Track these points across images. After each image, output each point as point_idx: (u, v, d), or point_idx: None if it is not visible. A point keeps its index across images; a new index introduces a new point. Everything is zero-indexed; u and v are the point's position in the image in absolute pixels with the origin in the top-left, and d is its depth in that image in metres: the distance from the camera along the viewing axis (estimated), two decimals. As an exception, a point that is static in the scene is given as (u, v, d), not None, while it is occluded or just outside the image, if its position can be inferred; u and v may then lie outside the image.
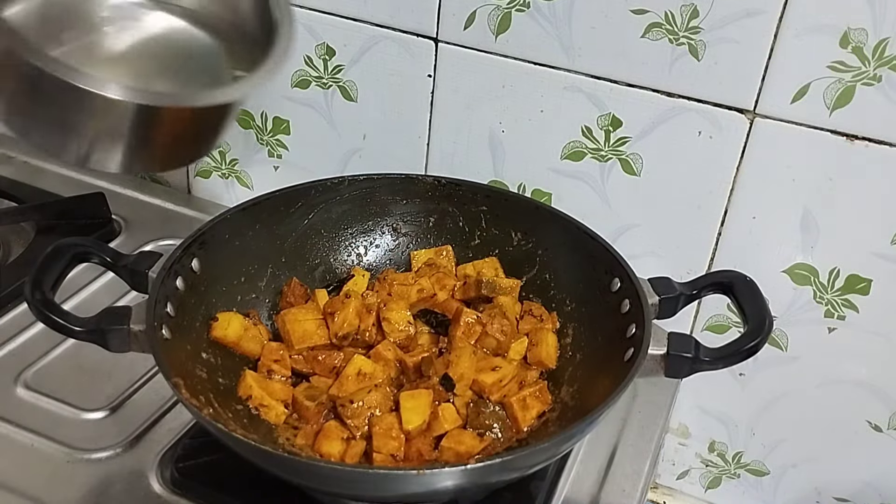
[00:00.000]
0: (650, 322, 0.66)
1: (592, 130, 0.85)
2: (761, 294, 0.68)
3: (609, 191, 0.87)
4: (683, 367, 0.64)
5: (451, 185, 0.84)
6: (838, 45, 0.72)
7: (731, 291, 0.69)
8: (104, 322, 0.64)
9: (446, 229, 0.85)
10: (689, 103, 0.80)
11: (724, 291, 0.70)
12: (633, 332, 0.68)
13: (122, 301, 0.87)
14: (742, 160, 0.80)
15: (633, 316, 0.69)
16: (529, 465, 0.63)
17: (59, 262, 0.66)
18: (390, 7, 0.87)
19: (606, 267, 0.74)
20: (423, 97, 0.91)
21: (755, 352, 0.64)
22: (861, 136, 0.75)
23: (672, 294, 0.70)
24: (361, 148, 0.97)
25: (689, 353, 0.64)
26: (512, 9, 0.82)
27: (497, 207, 0.83)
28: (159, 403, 0.77)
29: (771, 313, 0.65)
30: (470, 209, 0.84)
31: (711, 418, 0.94)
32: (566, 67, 0.83)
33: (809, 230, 0.81)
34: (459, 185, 0.84)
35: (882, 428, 0.86)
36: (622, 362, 0.66)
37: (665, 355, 0.64)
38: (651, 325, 0.66)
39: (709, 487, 0.99)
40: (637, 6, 0.77)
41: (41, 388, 0.78)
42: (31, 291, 0.63)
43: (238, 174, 1.06)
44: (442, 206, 0.84)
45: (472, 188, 0.84)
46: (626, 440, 0.80)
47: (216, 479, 0.70)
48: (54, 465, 0.71)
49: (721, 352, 0.65)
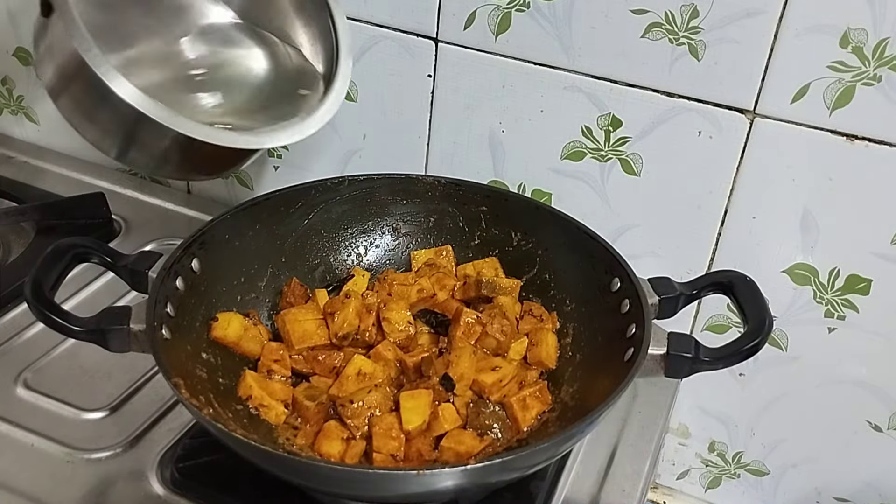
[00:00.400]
0: (650, 322, 0.66)
1: (592, 130, 0.85)
2: (761, 294, 0.68)
3: (609, 191, 0.87)
4: (683, 367, 0.64)
5: (450, 185, 0.84)
6: (838, 45, 0.72)
7: (731, 291, 0.69)
8: (104, 322, 0.64)
9: (446, 229, 0.85)
10: (689, 103, 0.80)
11: (724, 291, 0.70)
12: (634, 331, 0.68)
13: (122, 301, 0.87)
14: (742, 160, 0.80)
15: (633, 316, 0.69)
16: (529, 465, 0.63)
17: (59, 262, 0.66)
18: (390, 7, 0.87)
19: (606, 267, 0.74)
20: (423, 97, 0.91)
21: (755, 352, 0.64)
22: (861, 136, 0.75)
23: (672, 294, 0.70)
24: (361, 148, 0.97)
25: (689, 353, 0.64)
26: (512, 9, 0.82)
27: (497, 207, 0.83)
28: (159, 403, 0.77)
29: (771, 313, 0.66)
30: (470, 209, 0.84)
31: (711, 418, 0.94)
32: (566, 67, 0.83)
33: (809, 230, 0.81)
34: (459, 185, 0.84)
35: (882, 428, 0.86)
36: (622, 362, 0.66)
37: (665, 355, 0.64)
38: (651, 324, 0.66)
39: (709, 487, 0.99)
40: (637, 6, 0.77)
41: (41, 388, 0.78)
42: (31, 292, 0.63)
43: (238, 174, 1.06)
44: (442, 207, 0.85)
45: (472, 188, 0.84)
46: (626, 440, 0.80)
47: (216, 479, 0.70)
48: (54, 465, 0.71)
49: (721, 352, 0.65)
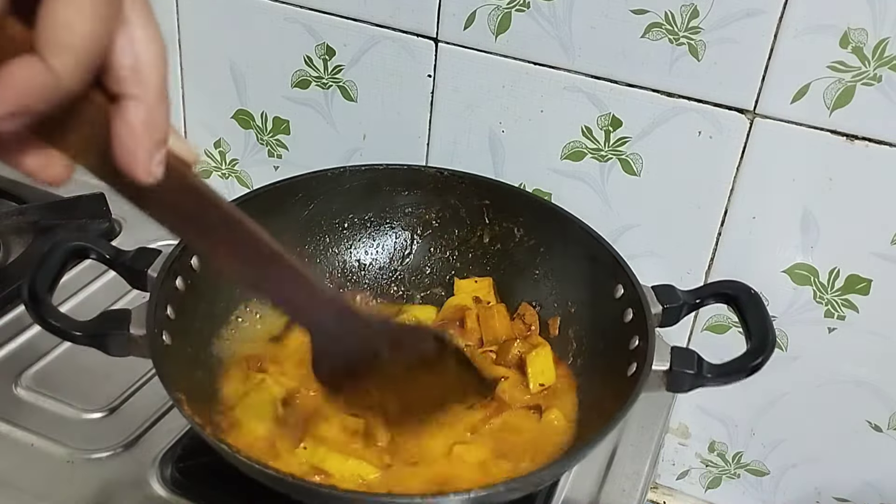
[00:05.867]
0: (654, 336, 0.65)
1: (592, 130, 0.85)
2: (765, 309, 0.67)
3: (609, 191, 0.87)
4: (685, 383, 0.64)
5: (453, 177, 0.83)
6: (838, 45, 0.72)
7: (736, 304, 0.68)
8: (103, 327, 0.63)
9: (448, 222, 0.84)
10: (689, 103, 0.80)
11: (728, 302, 0.69)
12: (637, 344, 0.67)
13: (120, 301, 0.87)
14: (742, 160, 0.80)
15: (637, 327, 0.68)
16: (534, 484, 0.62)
17: (57, 260, 0.66)
18: (390, 7, 0.87)
19: (610, 272, 0.74)
20: (423, 97, 0.91)
21: (758, 369, 0.63)
22: (861, 136, 0.75)
23: (675, 304, 0.69)
24: (361, 148, 0.97)
25: (692, 370, 0.63)
26: (512, 9, 0.82)
27: (500, 202, 0.82)
28: (159, 403, 0.77)
29: (774, 330, 0.65)
30: (472, 202, 0.83)
31: (711, 418, 0.94)
32: (566, 67, 0.83)
33: (809, 230, 0.81)
34: (462, 178, 0.83)
35: (882, 428, 0.86)
36: (625, 377, 0.65)
37: (667, 371, 0.64)
38: (655, 339, 0.65)
39: (709, 487, 0.99)
40: (637, 6, 0.77)
41: (41, 388, 0.78)
42: (29, 296, 0.62)
43: (238, 174, 1.06)
44: (444, 199, 0.84)
45: (475, 181, 0.83)
46: (626, 440, 0.80)
47: (216, 479, 0.70)
48: (54, 465, 0.71)
49: (723, 369, 0.64)
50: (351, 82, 0.93)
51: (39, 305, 0.62)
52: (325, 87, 0.95)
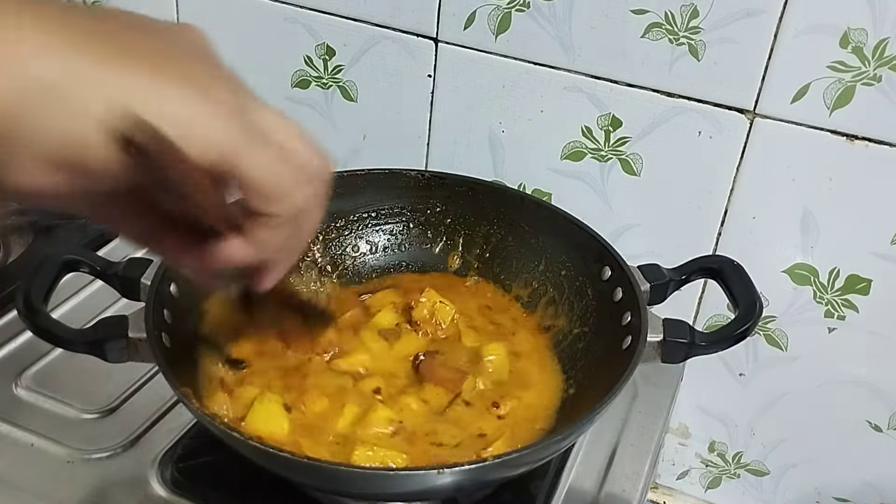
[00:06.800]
0: (645, 309, 0.67)
1: (592, 130, 0.85)
2: (749, 277, 0.68)
3: (609, 191, 0.87)
4: (679, 353, 0.65)
5: (435, 178, 0.83)
6: (838, 45, 0.72)
7: (720, 276, 0.70)
8: (101, 334, 0.63)
9: (432, 224, 0.84)
10: (689, 103, 0.80)
11: (713, 276, 0.70)
12: (629, 319, 0.68)
13: (112, 308, 0.85)
14: (742, 160, 0.80)
15: (627, 304, 0.69)
16: (536, 459, 0.63)
17: (49, 273, 0.66)
18: (390, 7, 0.87)
19: (595, 256, 0.75)
20: (423, 97, 0.91)
21: (747, 335, 0.65)
22: (861, 136, 0.75)
23: (662, 280, 0.70)
24: (361, 148, 0.97)
25: (685, 339, 0.65)
26: (512, 9, 0.82)
27: (483, 199, 0.82)
28: (159, 404, 0.77)
29: (760, 297, 0.66)
30: (456, 201, 0.83)
31: (711, 418, 0.94)
32: (566, 67, 0.83)
33: (809, 230, 0.81)
34: (444, 179, 0.83)
35: (882, 428, 0.86)
36: (620, 351, 0.67)
37: (661, 342, 0.65)
38: (647, 311, 0.66)
39: (709, 487, 0.99)
40: (637, 6, 0.77)
41: (41, 388, 0.78)
42: (24, 306, 0.62)
43: (238, 174, 1.06)
44: (427, 201, 0.84)
45: (457, 181, 0.83)
46: (626, 440, 0.80)
47: (216, 479, 0.70)
48: (54, 465, 0.71)
49: (715, 336, 0.66)
50: (351, 82, 0.93)
51: (36, 315, 0.62)
52: (325, 87, 0.95)
